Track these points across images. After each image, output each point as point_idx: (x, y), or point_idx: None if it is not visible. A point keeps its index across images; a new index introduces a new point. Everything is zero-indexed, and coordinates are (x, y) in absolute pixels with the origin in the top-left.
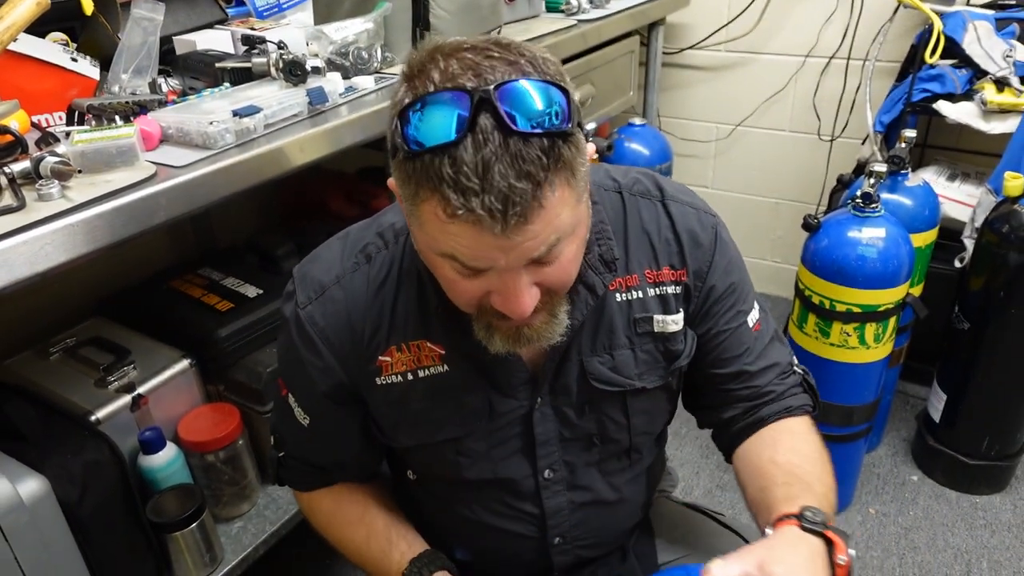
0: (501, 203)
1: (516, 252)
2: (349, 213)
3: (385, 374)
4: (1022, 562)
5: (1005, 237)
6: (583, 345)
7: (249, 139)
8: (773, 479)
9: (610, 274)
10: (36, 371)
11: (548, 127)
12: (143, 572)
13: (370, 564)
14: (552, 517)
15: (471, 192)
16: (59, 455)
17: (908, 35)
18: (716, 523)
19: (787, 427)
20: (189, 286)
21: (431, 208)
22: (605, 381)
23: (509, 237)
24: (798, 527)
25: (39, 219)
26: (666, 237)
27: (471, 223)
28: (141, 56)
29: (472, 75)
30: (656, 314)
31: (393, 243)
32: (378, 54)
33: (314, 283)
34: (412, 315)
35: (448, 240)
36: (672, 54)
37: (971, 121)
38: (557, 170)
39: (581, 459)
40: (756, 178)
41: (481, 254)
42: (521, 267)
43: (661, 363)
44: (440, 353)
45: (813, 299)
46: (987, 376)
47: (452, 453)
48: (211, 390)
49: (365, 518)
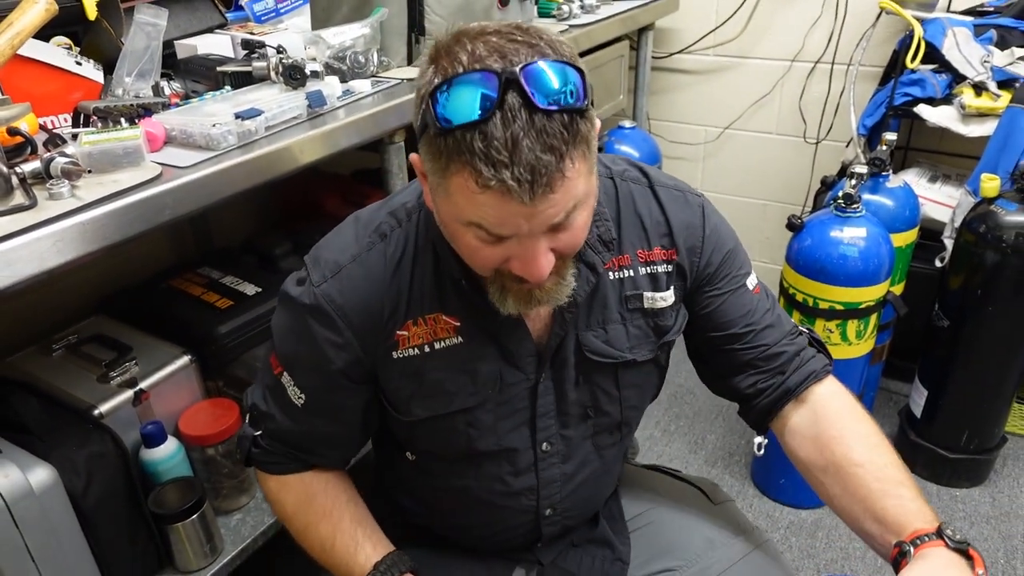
0: (530, 174)
1: (539, 219)
2: (345, 214)
3: (402, 348)
4: (999, 553)
5: (982, 237)
6: (579, 320)
7: (250, 141)
8: (868, 488)
9: (608, 253)
10: (39, 367)
11: (567, 104)
12: (145, 562)
13: (333, 562)
14: (545, 488)
15: (502, 164)
16: (64, 447)
17: (890, 41)
18: (674, 478)
19: (831, 408)
20: (189, 284)
21: (462, 180)
22: (599, 353)
23: (535, 205)
24: (945, 547)
25: (51, 217)
26: (656, 219)
27: (501, 193)
28: (144, 60)
29: (498, 57)
30: (646, 291)
31: (406, 221)
32: (374, 58)
33: (329, 263)
34: (428, 289)
35: (476, 210)
36: (661, 58)
37: (950, 124)
38: (576, 143)
39: (577, 432)
40: (744, 180)
41: (507, 221)
42: (541, 234)
43: (651, 337)
44: (455, 325)
45: (797, 297)
46: (966, 372)
47: (463, 425)
48: (211, 386)
49: (334, 514)
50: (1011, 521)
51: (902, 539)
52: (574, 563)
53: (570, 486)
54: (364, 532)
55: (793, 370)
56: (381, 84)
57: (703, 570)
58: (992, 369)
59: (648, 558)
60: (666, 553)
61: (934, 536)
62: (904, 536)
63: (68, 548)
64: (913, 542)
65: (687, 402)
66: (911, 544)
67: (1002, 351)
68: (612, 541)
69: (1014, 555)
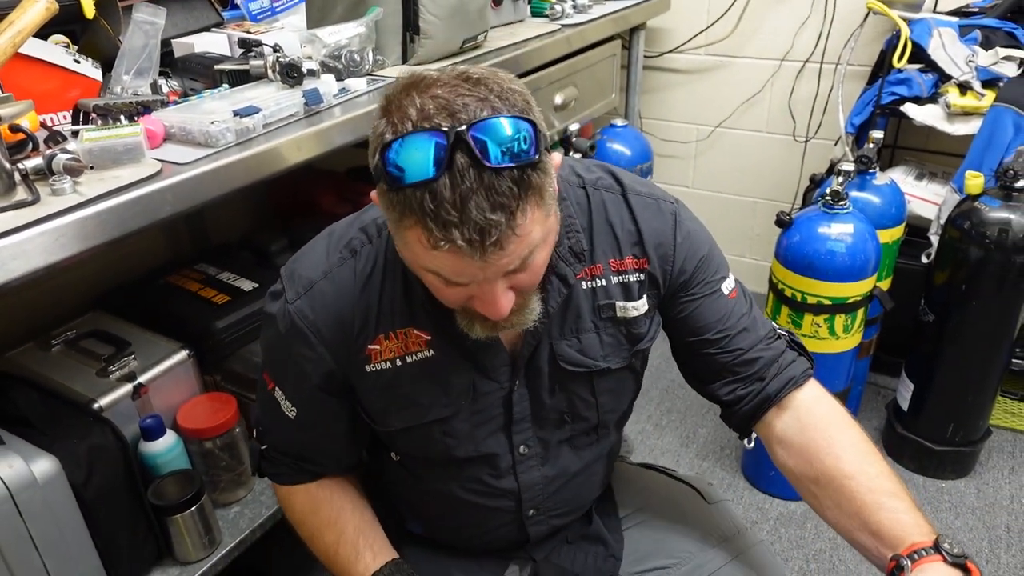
0: (479, 234)
1: (493, 269)
2: (340, 211)
3: (374, 361)
4: (983, 542)
5: (966, 233)
6: (553, 330)
7: (249, 138)
8: (862, 500)
9: (579, 264)
10: (38, 362)
11: (517, 160)
12: (145, 552)
13: (337, 570)
14: (527, 491)
15: (451, 224)
16: (66, 439)
17: (878, 41)
18: (669, 477)
19: (817, 415)
20: (186, 280)
21: (415, 235)
22: (573, 363)
23: (486, 261)
24: (943, 561)
25: (54, 212)
26: (628, 228)
27: (452, 252)
28: (143, 58)
29: (447, 114)
30: (618, 300)
31: (376, 237)
32: (370, 57)
33: (302, 280)
34: (398, 304)
35: (431, 262)
36: (653, 57)
37: (936, 123)
38: (528, 196)
39: (554, 436)
40: (735, 178)
41: (462, 272)
42: (498, 279)
43: (625, 346)
44: (426, 339)
45: (786, 292)
46: (951, 365)
47: (439, 434)
48: (208, 380)
49: (338, 523)
50: (995, 512)
51: (899, 553)
52: (567, 559)
53: (552, 487)
54: (366, 541)
55: (772, 376)
56: (376, 82)
57: (696, 568)
58: (976, 362)
59: (641, 556)
60: (659, 551)
61: (931, 550)
62: (900, 550)
63: (71, 537)
64: (910, 556)
65: (679, 396)
66: (908, 559)
67: (986, 345)
68: (605, 538)
69: (998, 544)
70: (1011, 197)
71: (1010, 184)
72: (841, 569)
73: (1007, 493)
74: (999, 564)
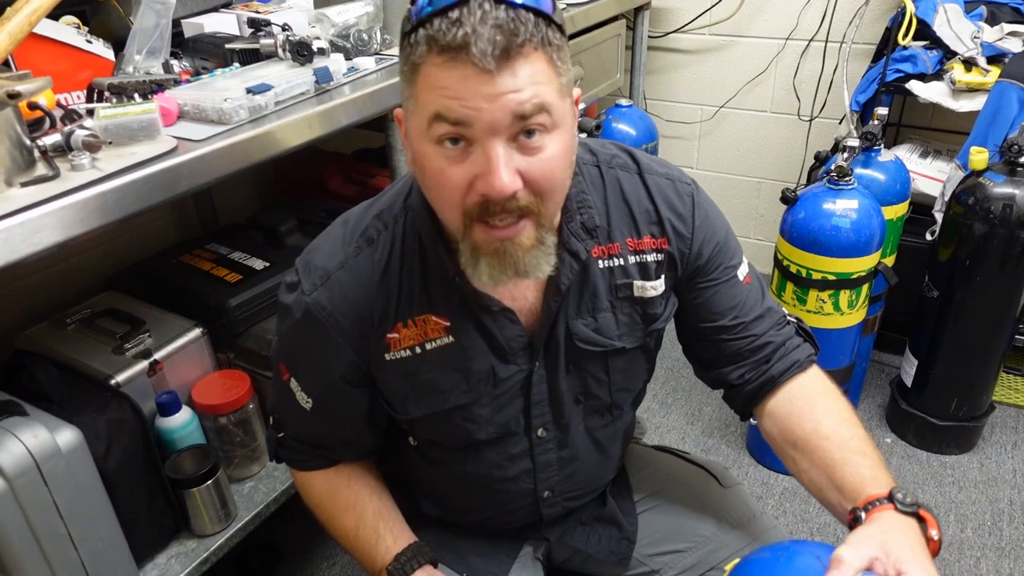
0: (489, 32)
1: (499, 102)
2: (347, 192)
3: (394, 350)
4: (986, 515)
5: (971, 208)
6: (569, 309)
7: (261, 115)
8: (831, 457)
9: (591, 240)
10: (55, 340)
11: (531, 4)
12: (164, 525)
13: (357, 553)
14: (542, 471)
15: (462, 23)
16: (85, 413)
17: (883, 18)
18: (683, 460)
19: (807, 389)
20: (198, 260)
21: (426, 63)
22: (589, 342)
23: (494, 76)
24: (894, 510)
25: (74, 187)
26: (646, 208)
27: (461, 61)
28: (154, 38)
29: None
30: (636, 280)
31: (393, 224)
32: (377, 36)
33: (318, 270)
34: (416, 291)
35: (438, 93)
36: (657, 37)
37: (941, 100)
38: (539, 42)
39: (570, 418)
40: (739, 158)
41: (466, 102)
42: (502, 137)
43: (640, 325)
44: (445, 325)
45: (791, 268)
46: (954, 341)
47: (460, 420)
48: (222, 357)
49: (356, 507)
50: (998, 486)
51: (856, 505)
52: (581, 540)
53: (567, 470)
54: (385, 524)
55: (778, 359)
56: (385, 61)
57: (710, 553)
58: (980, 339)
59: (656, 539)
60: (674, 535)
61: (885, 500)
62: (858, 502)
63: (93, 507)
64: (866, 507)
65: (683, 375)
66: (863, 510)
67: (989, 320)
68: (619, 520)
69: (1000, 518)
70: (1016, 172)
71: (1015, 159)
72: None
73: (1010, 468)
74: (1002, 537)
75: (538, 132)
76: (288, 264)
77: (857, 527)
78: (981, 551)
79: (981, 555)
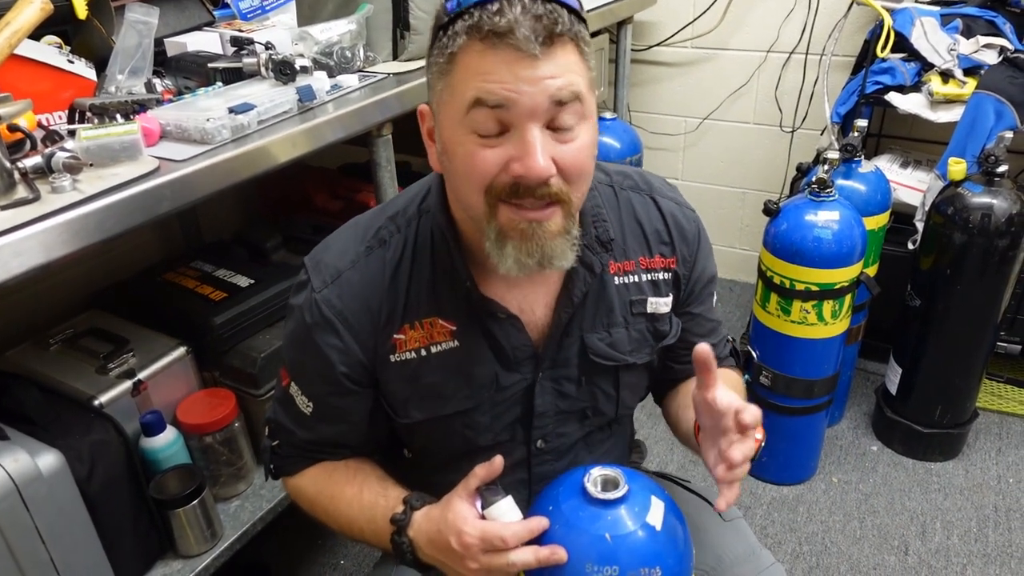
0: (529, 21)
1: (540, 86)
2: (333, 207)
3: (399, 351)
4: (972, 522)
5: (950, 218)
6: (584, 322)
7: (244, 135)
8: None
9: (606, 253)
10: (37, 360)
11: (563, 1)
12: (149, 546)
13: (365, 515)
14: (537, 484)
15: (502, 15)
16: (68, 435)
17: (861, 31)
18: (683, 488)
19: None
20: (183, 278)
21: (466, 52)
22: (603, 356)
23: (535, 61)
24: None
25: (55, 209)
26: (657, 228)
27: (504, 45)
28: (136, 57)
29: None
30: (649, 297)
31: (405, 226)
32: (361, 53)
33: (329, 268)
34: (425, 294)
35: (479, 78)
36: (640, 51)
37: (919, 111)
38: (572, 35)
39: (573, 431)
40: (724, 169)
41: (508, 85)
42: (540, 123)
43: (650, 341)
44: (451, 329)
45: (774, 279)
46: (937, 349)
47: (460, 426)
48: (207, 376)
49: (358, 476)
50: (983, 492)
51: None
52: None
53: None
54: (392, 483)
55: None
56: (368, 79)
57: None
58: (962, 346)
59: None
60: None
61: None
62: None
63: (75, 531)
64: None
65: None
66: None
67: (971, 328)
68: None
69: (986, 524)
70: (993, 182)
71: (992, 170)
72: (833, 551)
73: (994, 474)
74: (987, 543)
75: (572, 120)
76: (274, 281)
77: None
78: (967, 558)
79: (967, 562)
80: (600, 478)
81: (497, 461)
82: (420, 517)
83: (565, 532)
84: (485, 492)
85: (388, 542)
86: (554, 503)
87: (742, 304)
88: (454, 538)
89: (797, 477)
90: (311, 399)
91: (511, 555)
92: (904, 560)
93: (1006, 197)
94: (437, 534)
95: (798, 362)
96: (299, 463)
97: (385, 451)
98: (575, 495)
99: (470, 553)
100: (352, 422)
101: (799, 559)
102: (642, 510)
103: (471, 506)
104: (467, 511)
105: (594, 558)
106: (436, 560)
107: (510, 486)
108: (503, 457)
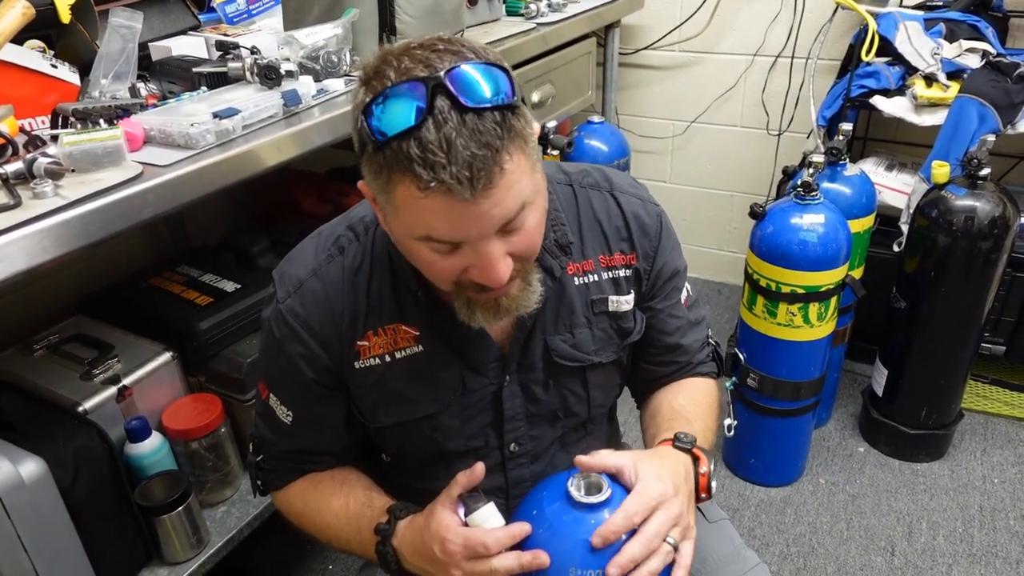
0: (467, 170)
1: (486, 220)
2: (320, 211)
3: (364, 358)
4: (957, 522)
5: (934, 221)
6: (546, 325)
7: (228, 140)
8: (662, 416)
9: (565, 257)
10: (21, 367)
11: (495, 102)
12: (133, 553)
13: (352, 527)
14: (515, 488)
15: (439, 165)
16: (51, 442)
17: (846, 35)
18: None
19: (690, 380)
20: (168, 283)
21: (404, 189)
22: (567, 357)
23: (478, 203)
24: (671, 445)
25: (36, 215)
26: (616, 225)
27: (443, 193)
28: (120, 62)
29: (423, 67)
30: (610, 295)
31: (363, 235)
32: (347, 58)
33: (292, 279)
34: (386, 300)
35: (424, 219)
36: (628, 54)
37: (904, 114)
38: (511, 138)
39: (546, 434)
40: (711, 172)
41: (455, 225)
42: (493, 236)
43: (615, 339)
44: (415, 334)
45: (761, 282)
46: (923, 350)
47: (428, 430)
48: (193, 381)
49: (344, 487)
50: (968, 492)
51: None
52: None
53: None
54: (378, 492)
55: (681, 367)
56: (354, 83)
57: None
58: (947, 347)
59: None
60: None
61: (669, 439)
62: (655, 445)
63: (59, 538)
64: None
65: None
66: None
67: (956, 330)
68: None
69: (971, 524)
70: (976, 185)
71: (975, 173)
72: (820, 552)
73: (979, 474)
74: (972, 543)
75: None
76: (260, 286)
77: None
78: (953, 558)
79: (953, 562)
80: (583, 482)
81: (478, 468)
82: (404, 526)
83: (549, 536)
84: (467, 499)
85: (374, 552)
86: (538, 507)
87: (730, 307)
88: (437, 546)
89: (784, 479)
90: (290, 408)
91: (494, 561)
92: (891, 561)
93: (989, 200)
94: (421, 543)
95: (785, 364)
96: (285, 476)
97: (367, 457)
98: (558, 499)
99: (453, 561)
100: (332, 427)
101: (787, 560)
102: None
103: (454, 514)
104: (450, 519)
105: (578, 561)
106: (420, 569)
107: (487, 491)
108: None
